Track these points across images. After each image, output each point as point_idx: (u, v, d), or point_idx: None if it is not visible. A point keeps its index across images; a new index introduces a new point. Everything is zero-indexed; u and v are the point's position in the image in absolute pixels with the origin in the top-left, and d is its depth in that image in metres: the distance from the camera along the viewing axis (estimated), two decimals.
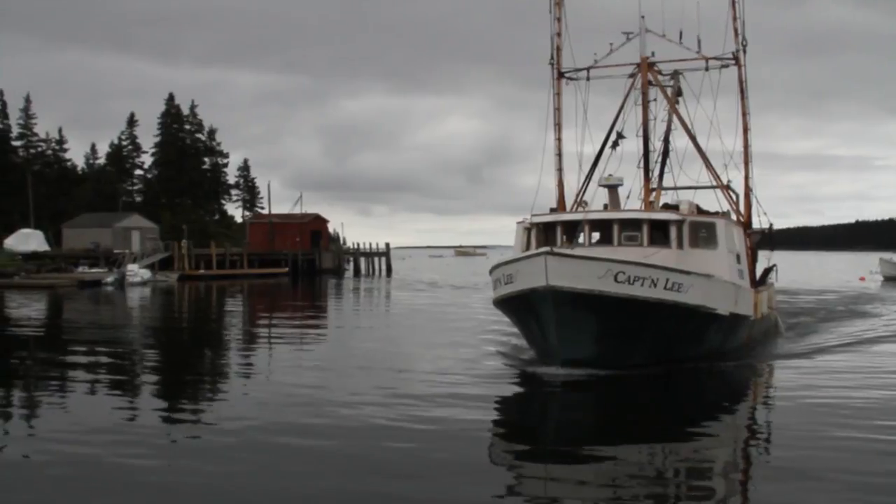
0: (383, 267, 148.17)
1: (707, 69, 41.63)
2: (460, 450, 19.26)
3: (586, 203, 38.78)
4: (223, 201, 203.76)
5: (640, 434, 21.71)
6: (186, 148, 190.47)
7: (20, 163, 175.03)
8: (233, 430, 21.20)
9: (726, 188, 41.86)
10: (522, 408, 26.15)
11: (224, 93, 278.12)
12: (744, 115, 42.41)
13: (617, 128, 40.41)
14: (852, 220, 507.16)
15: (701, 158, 40.82)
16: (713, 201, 41.96)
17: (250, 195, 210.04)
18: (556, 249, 27.89)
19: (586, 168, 40.81)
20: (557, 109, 41.76)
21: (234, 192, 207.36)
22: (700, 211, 36.89)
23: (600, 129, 41.50)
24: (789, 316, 50.49)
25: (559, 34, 41.65)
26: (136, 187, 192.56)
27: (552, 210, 37.47)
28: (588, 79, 41.91)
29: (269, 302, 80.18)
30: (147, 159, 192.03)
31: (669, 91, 42.35)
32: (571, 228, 34.41)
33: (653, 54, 40.41)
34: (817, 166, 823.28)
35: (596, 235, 35.20)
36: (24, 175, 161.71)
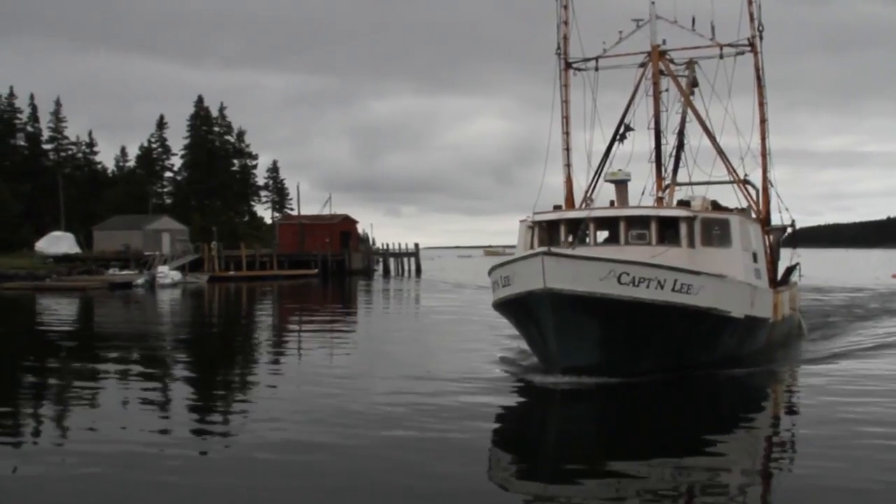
0: (412, 267, 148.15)
1: (721, 57, 39.48)
2: (458, 469, 17.98)
3: (592, 200, 37.43)
4: (252, 203, 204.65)
5: (646, 449, 20.20)
6: (216, 150, 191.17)
7: (51, 166, 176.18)
8: (254, 443, 21.19)
9: (743, 183, 39.96)
10: (523, 421, 24.33)
11: (252, 95, 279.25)
12: (760, 105, 40.35)
13: (626, 120, 38.81)
14: (884, 217, 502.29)
15: (716, 152, 39.25)
16: (732, 198, 40.11)
17: (279, 196, 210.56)
18: (553, 249, 26.53)
19: (596, 163, 39.17)
20: (565, 102, 40.06)
21: (263, 193, 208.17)
22: (716, 207, 35.67)
23: (610, 123, 39.59)
24: (817, 316, 49.08)
25: (566, 22, 39.90)
26: (165, 189, 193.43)
27: (556, 207, 35.31)
28: (597, 69, 40.03)
29: (299, 303, 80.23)
30: (177, 161, 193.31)
31: (684, 82, 40.38)
32: (576, 227, 32.68)
33: (664, 42, 38.54)
34: (848, 163, 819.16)
35: (605, 234, 33.39)
36: (55, 178, 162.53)
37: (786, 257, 43.89)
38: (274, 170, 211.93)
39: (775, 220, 41.78)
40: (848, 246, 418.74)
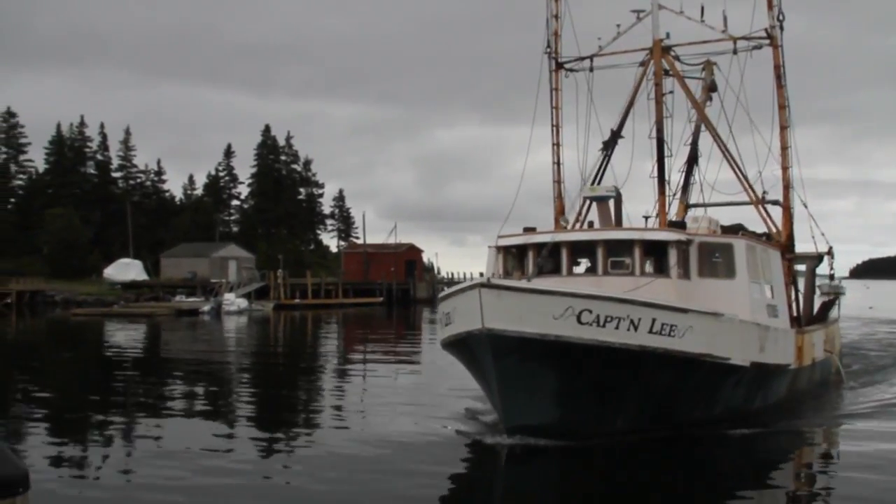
0: None
1: (735, 52, 33.75)
2: None
3: (567, 222, 31.42)
4: (318, 231, 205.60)
5: None
6: (282, 178, 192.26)
7: (120, 194, 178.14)
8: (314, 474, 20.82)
9: (761, 203, 34.14)
10: (473, 488, 19.84)
11: (319, 124, 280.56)
12: (781, 108, 33.71)
13: (625, 127, 33.74)
14: None
15: (730, 166, 33.40)
16: (759, 221, 34.73)
17: (345, 225, 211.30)
18: (494, 280, 21.45)
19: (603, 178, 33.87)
20: (555, 108, 35.00)
21: (329, 222, 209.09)
22: (725, 230, 30.78)
23: (607, 134, 34.14)
24: (862, 359, 43.17)
25: (556, 16, 34.93)
26: (232, 217, 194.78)
27: (526, 230, 28.53)
28: (591, 69, 34.62)
29: (364, 332, 79.97)
30: (244, 190, 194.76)
31: (699, 85, 35.51)
32: (549, 252, 27.27)
33: (667, 36, 33.05)
34: None
35: (589, 263, 27.87)
36: (124, 206, 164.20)
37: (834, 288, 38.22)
38: (340, 198, 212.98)
39: (802, 246, 35.66)
40: None
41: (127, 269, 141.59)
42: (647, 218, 30.67)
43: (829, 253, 36.87)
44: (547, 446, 21.30)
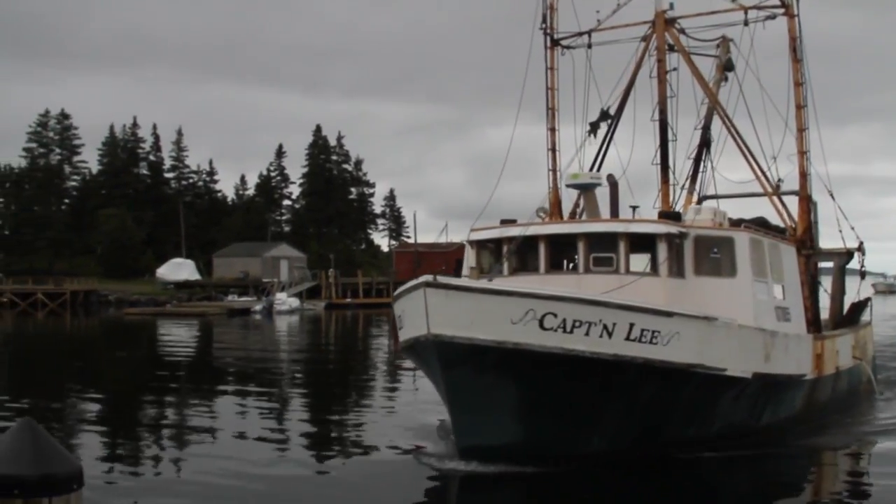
0: None
1: (746, 23, 29.98)
2: None
3: (546, 213, 27.45)
4: (369, 231, 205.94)
5: None
6: (333, 178, 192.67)
7: (172, 194, 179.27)
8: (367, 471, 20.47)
9: (775, 193, 30.28)
10: None
11: (370, 124, 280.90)
12: (797, 85, 29.71)
13: (624, 108, 30.31)
14: None
15: (740, 151, 29.69)
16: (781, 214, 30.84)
17: (396, 224, 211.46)
18: (441, 279, 18.33)
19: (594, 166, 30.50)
20: (550, 90, 31.02)
21: (380, 221, 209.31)
22: (761, 227, 27.45)
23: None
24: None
25: None
26: (284, 217, 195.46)
27: (504, 222, 25.54)
28: (589, 46, 30.84)
29: None
30: (295, 190, 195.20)
31: (714, 64, 32.22)
32: (525, 247, 24.35)
33: (671, 6, 29.65)
34: None
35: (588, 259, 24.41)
36: (177, 206, 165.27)
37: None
38: (391, 198, 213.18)
39: (825, 242, 31.97)
40: None
41: (179, 269, 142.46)
42: (634, 208, 26.15)
43: (860, 249, 32.78)
44: (509, 472, 18.65)
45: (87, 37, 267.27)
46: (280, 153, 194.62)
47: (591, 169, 29.34)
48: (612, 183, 27.07)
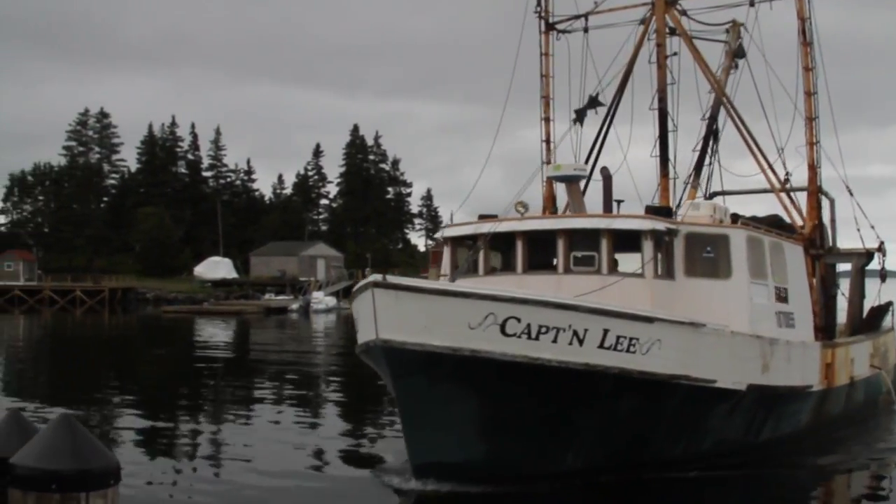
0: None
1: (752, 4, 28.19)
2: None
3: (525, 207, 22.66)
4: (406, 230, 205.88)
5: None
6: (371, 178, 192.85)
7: (210, 193, 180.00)
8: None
9: (783, 188, 28.03)
10: None
11: (406, 124, 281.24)
12: (806, 70, 27.26)
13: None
14: None
15: (745, 143, 27.57)
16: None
17: (433, 224, 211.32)
18: (391, 278, 16.79)
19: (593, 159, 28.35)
20: (545, 77, 28.98)
21: (417, 221, 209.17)
22: (774, 226, 25.92)
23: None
24: None
25: None
26: (321, 216, 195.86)
27: (482, 217, 23.13)
28: (586, 30, 28.58)
29: None
30: (332, 189, 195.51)
31: (724, 50, 29.86)
32: (504, 244, 22.58)
33: None
34: None
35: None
36: (214, 204, 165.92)
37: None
38: (428, 198, 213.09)
39: (843, 242, 29.80)
40: None
41: (217, 268, 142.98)
42: (618, 202, 24.11)
43: (880, 250, 29.99)
44: (469, 493, 16.94)
45: (126, 36, 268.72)
46: (317, 152, 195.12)
47: (586, 161, 27.42)
48: (606, 176, 25.02)
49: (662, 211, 22.60)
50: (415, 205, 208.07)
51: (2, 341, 64.55)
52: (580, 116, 27.80)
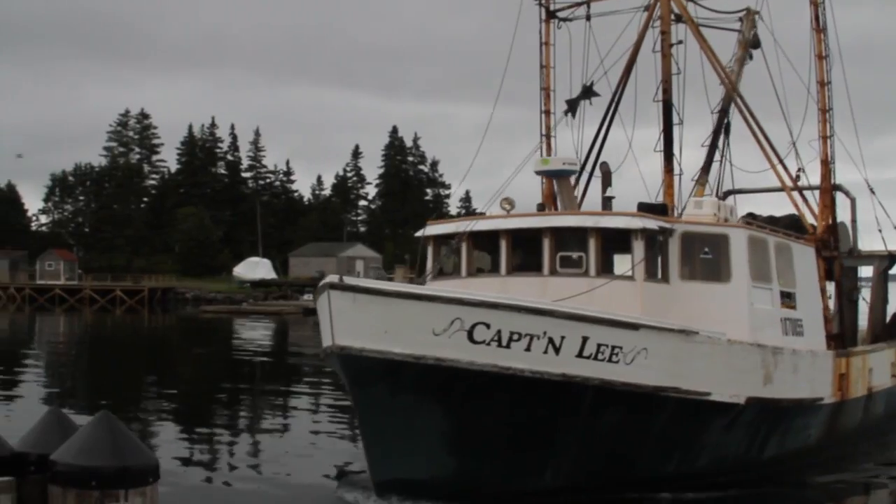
0: None
1: None
2: None
3: (511, 204, 21.12)
4: None
5: None
6: (409, 179, 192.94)
7: (250, 193, 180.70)
8: None
9: (795, 186, 25.79)
10: None
11: (446, 125, 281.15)
12: (820, 58, 25.61)
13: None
14: None
15: (755, 139, 25.42)
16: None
17: None
18: (348, 279, 15.58)
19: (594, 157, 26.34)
20: (545, 67, 27.11)
21: None
22: (792, 227, 24.28)
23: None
24: None
25: None
26: (360, 217, 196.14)
27: (468, 213, 21.16)
28: (588, 17, 26.53)
29: None
30: (371, 190, 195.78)
31: (737, 39, 27.71)
32: (490, 244, 20.87)
33: None
34: None
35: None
36: (254, 205, 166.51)
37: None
38: (466, 199, 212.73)
39: (864, 243, 27.96)
40: None
41: (256, 268, 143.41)
42: (609, 199, 22.50)
43: None
44: None
45: (167, 38, 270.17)
46: (356, 154, 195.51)
47: (587, 156, 25.87)
48: (605, 172, 23.53)
49: (657, 208, 20.81)
50: (453, 207, 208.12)
51: (43, 340, 65.04)
52: (572, 107, 25.93)
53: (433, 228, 21.61)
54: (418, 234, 22.01)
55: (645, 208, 20.33)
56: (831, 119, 25.74)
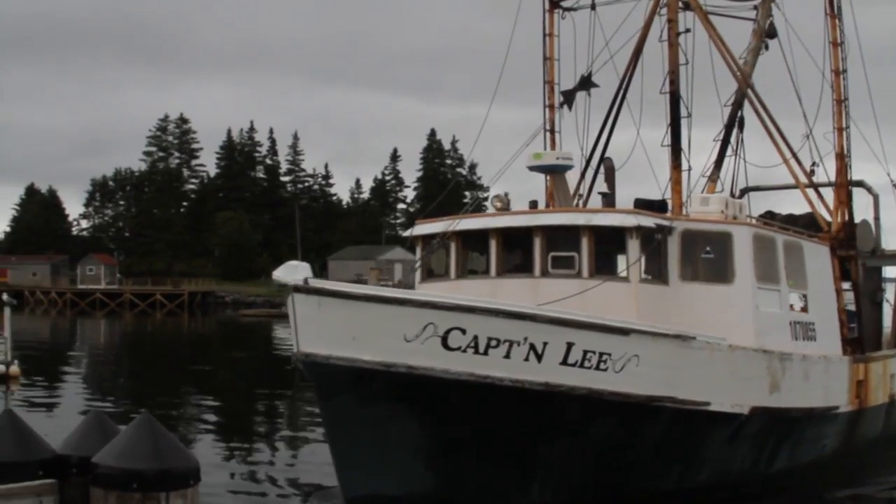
0: None
1: None
2: None
3: (503, 202, 20.83)
4: None
5: None
6: (448, 182, 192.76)
7: (288, 197, 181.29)
8: None
9: (810, 182, 24.47)
10: None
11: (484, 128, 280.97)
12: (835, 45, 24.32)
13: (624, 77, 24.61)
14: None
15: (767, 132, 23.88)
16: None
17: None
18: (313, 282, 14.87)
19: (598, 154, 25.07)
20: (549, 60, 26.03)
21: None
22: (810, 226, 23.27)
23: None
24: None
25: None
26: (398, 220, 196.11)
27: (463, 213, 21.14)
28: (593, 6, 24.89)
29: None
30: (409, 193, 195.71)
31: (753, 29, 25.93)
32: (481, 244, 19.81)
33: None
34: None
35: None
36: (293, 209, 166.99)
37: None
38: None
39: (888, 242, 26.50)
40: None
41: (295, 272, 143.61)
42: (603, 195, 21.55)
43: None
44: None
45: (206, 43, 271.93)
46: (395, 157, 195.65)
47: (591, 152, 24.74)
48: (609, 168, 22.51)
49: (655, 205, 20.01)
50: (492, 209, 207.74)
51: (84, 343, 65.45)
52: (568, 99, 24.71)
53: (421, 228, 20.51)
54: (406, 233, 21.24)
55: (642, 205, 19.60)
56: (847, 109, 24.55)
